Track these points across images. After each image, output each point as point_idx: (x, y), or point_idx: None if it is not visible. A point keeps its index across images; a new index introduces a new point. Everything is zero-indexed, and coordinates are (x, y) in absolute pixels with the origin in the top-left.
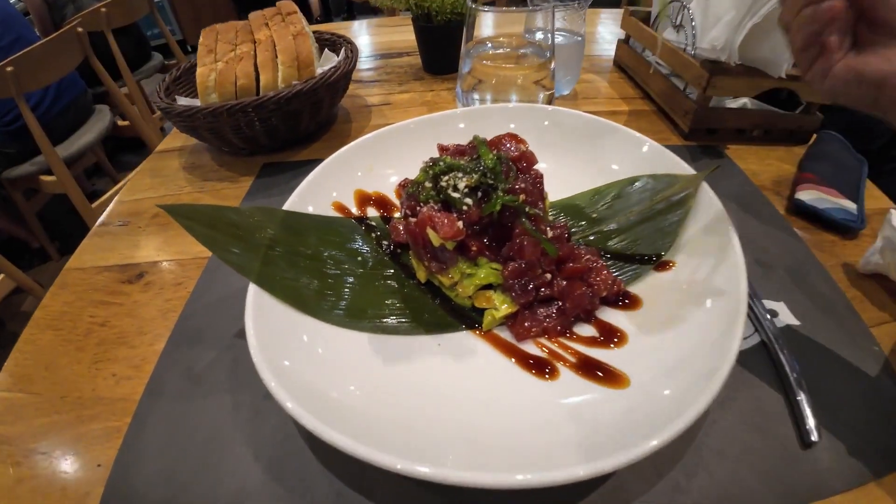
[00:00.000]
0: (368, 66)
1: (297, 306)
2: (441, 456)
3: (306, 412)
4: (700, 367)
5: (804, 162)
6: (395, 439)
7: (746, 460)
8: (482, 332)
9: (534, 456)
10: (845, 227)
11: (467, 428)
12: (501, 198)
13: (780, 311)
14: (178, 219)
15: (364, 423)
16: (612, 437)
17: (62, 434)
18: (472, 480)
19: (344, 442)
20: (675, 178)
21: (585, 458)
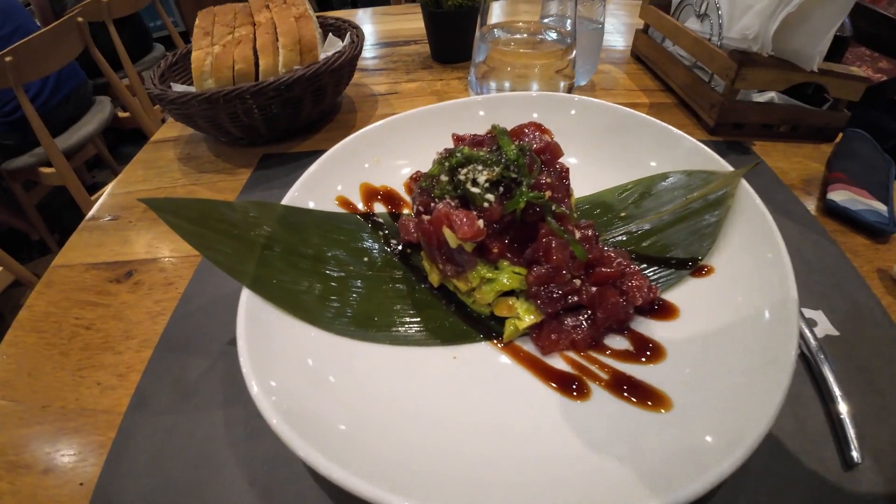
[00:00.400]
0: (374, 55)
1: (297, 314)
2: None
3: (306, 443)
4: (749, 393)
5: (833, 160)
6: (406, 476)
7: (788, 482)
8: (502, 343)
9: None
10: (878, 230)
11: (486, 461)
12: (525, 194)
13: (819, 320)
14: (164, 215)
15: (370, 456)
16: (658, 471)
17: (43, 447)
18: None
19: (349, 481)
20: (711, 176)
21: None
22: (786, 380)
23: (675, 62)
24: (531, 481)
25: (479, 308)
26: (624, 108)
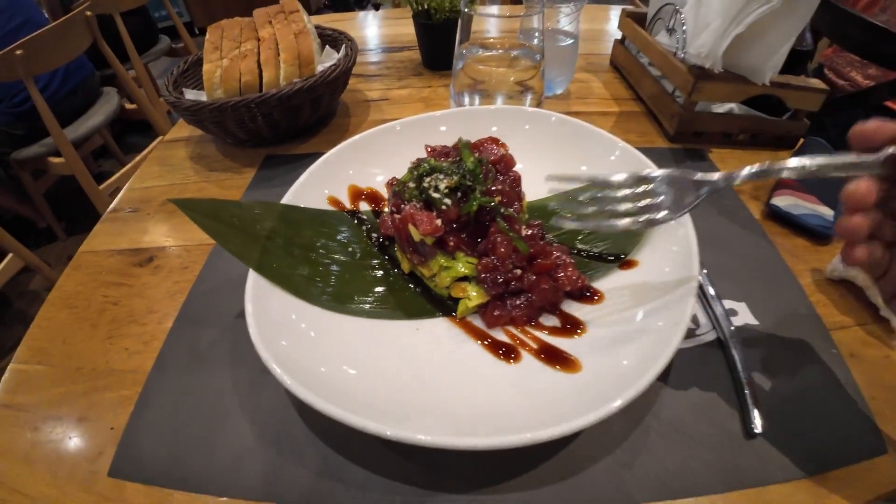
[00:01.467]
0: (370, 60)
1: (291, 291)
2: (415, 423)
3: (300, 385)
4: (642, 358)
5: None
6: (376, 408)
7: (690, 445)
8: (457, 319)
9: (494, 425)
10: (819, 234)
11: (439, 400)
12: (478, 199)
13: (741, 310)
14: (187, 212)
15: (348, 394)
16: (559, 412)
17: (77, 402)
18: (441, 443)
19: (330, 409)
20: None
21: (531, 428)
22: (676, 340)
23: (645, 73)
24: (474, 415)
25: (439, 290)
26: (567, 117)
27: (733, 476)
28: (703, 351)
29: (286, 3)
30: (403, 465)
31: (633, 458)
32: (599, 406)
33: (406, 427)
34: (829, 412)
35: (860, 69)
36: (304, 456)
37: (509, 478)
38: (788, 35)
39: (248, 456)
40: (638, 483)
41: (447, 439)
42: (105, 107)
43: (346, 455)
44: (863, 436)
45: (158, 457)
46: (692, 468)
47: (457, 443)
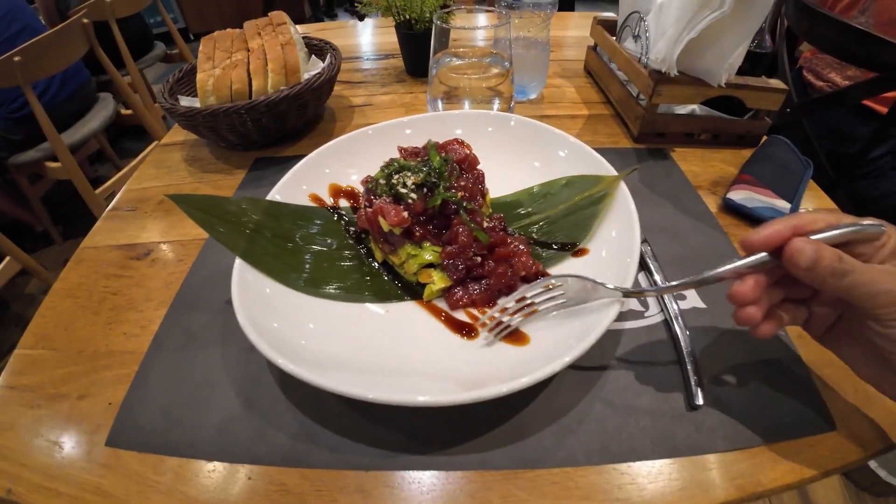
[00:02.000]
0: (356, 68)
1: (273, 276)
2: (381, 387)
3: (280, 356)
4: (584, 327)
5: (746, 164)
6: (350, 376)
7: (634, 414)
8: (424, 301)
9: (452, 387)
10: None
11: (405, 369)
12: (442, 193)
13: (689, 295)
14: (180, 205)
15: (324, 364)
16: (508, 375)
17: (79, 381)
18: (404, 401)
19: (307, 376)
20: (600, 179)
21: (476, 387)
22: (615, 310)
23: (613, 78)
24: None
25: (408, 277)
26: (531, 120)
27: (673, 444)
28: (651, 331)
29: (274, 16)
30: (372, 429)
31: (579, 424)
32: (539, 369)
33: (376, 390)
34: (775, 389)
35: (839, 70)
36: (284, 422)
37: (466, 440)
38: (741, 39)
39: (232, 423)
40: (581, 447)
41: (408, 397)
42: (101, 112)
43: (320, 422)
44: (809, 412)
45: (153, 427)
46: (633, 435)
47: (419, 401)
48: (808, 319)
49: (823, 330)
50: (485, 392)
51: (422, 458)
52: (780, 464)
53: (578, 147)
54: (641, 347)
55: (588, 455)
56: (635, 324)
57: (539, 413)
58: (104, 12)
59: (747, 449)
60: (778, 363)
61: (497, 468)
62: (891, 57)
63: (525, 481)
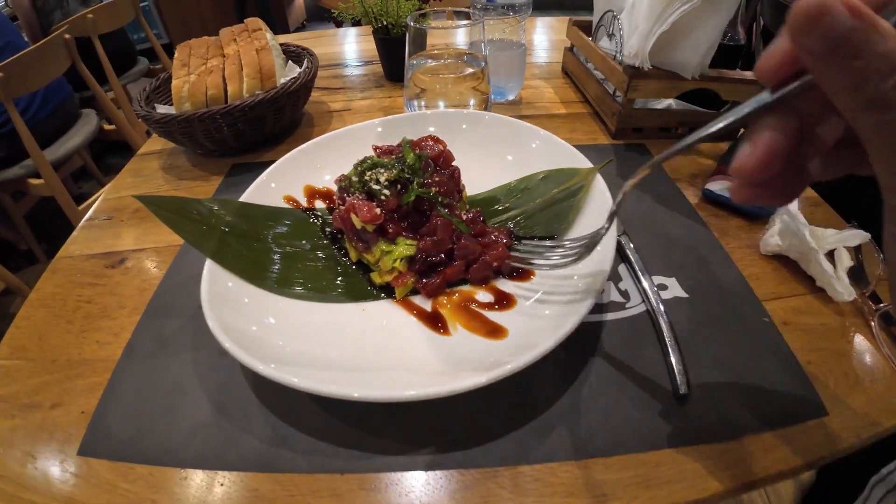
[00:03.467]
0: (336, 74)
1: (243, 276)
2: (357, 384)
3: (249, 356)
4: (561, 316)
5: (724, 156)
6: (326, 374)
7: (617, 405)
8: (397, 299)
9: (428, 381)
10: (753, 213)
11: (382, 365)
12: (416, 189)
13: (671, 285)
14: (151, 207)
15: (297, 364)
16: (481, 367)
17: (51, 390)
18: (379, 396)
19: (276, 374)
20: (576, 171)
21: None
22: (591, 301)
23: (590, 77)
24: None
25: (381, 281)
26: (505, 117)
27: (659, 436)
28: (633, 322)
29: (250, 22)
30: (346, 430)
31: (560, 420)
32: (518, 356)
33: (354, 387)
34: (763, 376)
35: None
36: (256, 427)
37: (444, 439)
38: (713, 31)
39: (203, 430)
40: (563, 442)
41: (384, 393)
42: (84, 128)
43: (293, 424)
44: (799, 399)
45: (124, 435)
46: (617, 428)
47: (395, 395)
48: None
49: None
50: (465, 383)
51: (399, 459)
52: (772, 452)
53: (551, 140)
54: (624, 339)
55: (573, 450)
56: (617, 315)
57: (519, 408)
58: (86, 28)
59: (737, 438)
60: (764, 350)
61: (477, 467)
62: None
63: (506, 479)
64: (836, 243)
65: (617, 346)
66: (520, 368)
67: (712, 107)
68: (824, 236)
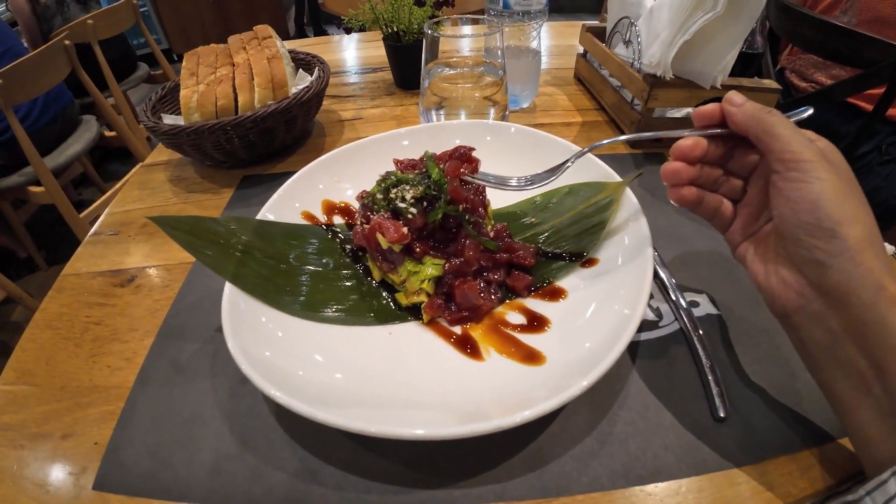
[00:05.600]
0: (344, 82)
1: (266, 301)
2: (391, 419)
3: (278, 390)
4: (603, 342)
5: None
6: (353, 408)
7: (656, 431)
8: (425, 322)
9: (465, 416)
10: None
11: (413, 397)
12: (443, 207)
13: (702, 302)
14: (165, 228)
15: (325, 396)
16: (525, 400)
17: (62, 419)
18: (413, 435)
19: (304, 409)
20: (605, 185)
21: (489, 416)
22: (635, 322)
23: (605, 84)
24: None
25: (404, 301)
26: (531, 129)
27: (700, 460)
28: (667, 342)
29: (259, 29)
30: (379, 463)
31: (601, 446)
32: (563, 391)
33: (384, 423)
34: (797, 395)
35: (824, 70)
36: (282, 459)
37: (482, 471)
38: (735, 40)
39: (227, 462)
40: (605, 470)
41: (418, 431)
42: (85, 135)
43: (323, 457)
44: (832, 416)
45: (141, 468)
46: (658, 454)
47: (430, 434)
48: (730, 228)
49: (741, 233)
50: (500, 422)
51: (436, 494)
52: (810, 471)
53: (571, 151)
54: (659, 359)
55: (613, 479)
56: (650, 335)
57: (558, 436)
58: (87, 34)
59: (775, 458)
60: (796, 367)
61: (518, 499)
62: (875, 53)
63: None
64: None
65: (652, 367)
66: (560, 406)
67: None
68: None
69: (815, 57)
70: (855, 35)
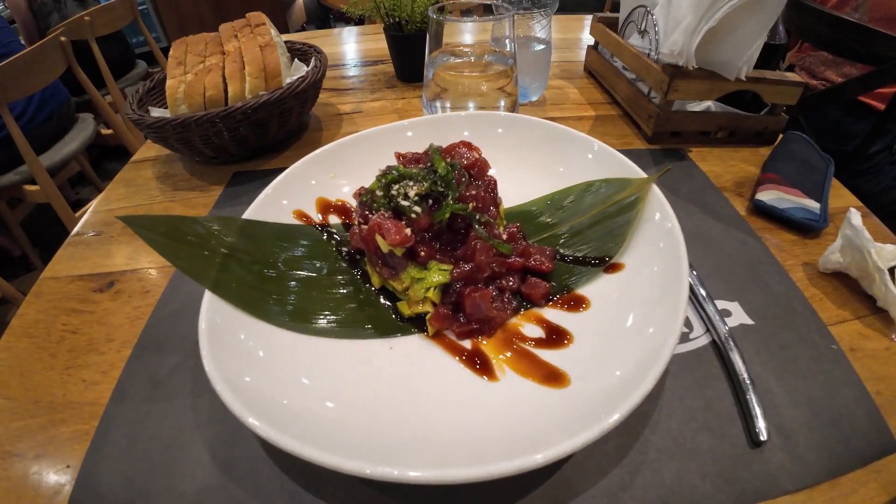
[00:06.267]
0: (344, 75)
1: (251, 311)
2: (393, 456)
3: (264, 424)
4: (635, 367)
5: (768, 163)
6: (350, 442)
7: (693, 458)
8: (430, 335)
9: (479, 453)
10: (807, 227)
11: (418, 429)
12: (451, 205)
13: (734, 310)
14: (137, 230)
15: (317, 427)
16: (548, 433)
17: (35, 437)
18: (421, 477)
19: (296, 447)
20: (628, 182)
21: (518, 454)
22: (671, 345)
23: (619, 76)
24: (453, 442)
25: (406, 311)
26: (544, 120)
27: (740, 489)
28: (699, 355)
29: (252, 16)
30: (380, 499)
31: (632, 477)
32: (591, 425)
33: (384, 462)
34: (836, 412)
35: (835, 68)
36: (269, 493)
37: None
38: (760, 28)
39: (209, 495)
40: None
41: (427, 473)
42: (81, 133)
43: (315, 491)
44: (872, 434)
45: (116, 498)
46: (695, 484)
47: (439, 476)
48: None
49: None
50: (521, 463)
51: None
52: (851, 497)
53: (598, 147)
54: (691, 375)
55: None
56: (681, 348)
57: (584, 466)
58: (84, 31)
59: (816, 486)
60: (835, 382)
61: None
62: (889, 49)
63: None
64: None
65: (684, 384)
66: (588, 444)
67: (751, 109)
68: (884, 253)
69: (825, 54)
70: (868, 31)
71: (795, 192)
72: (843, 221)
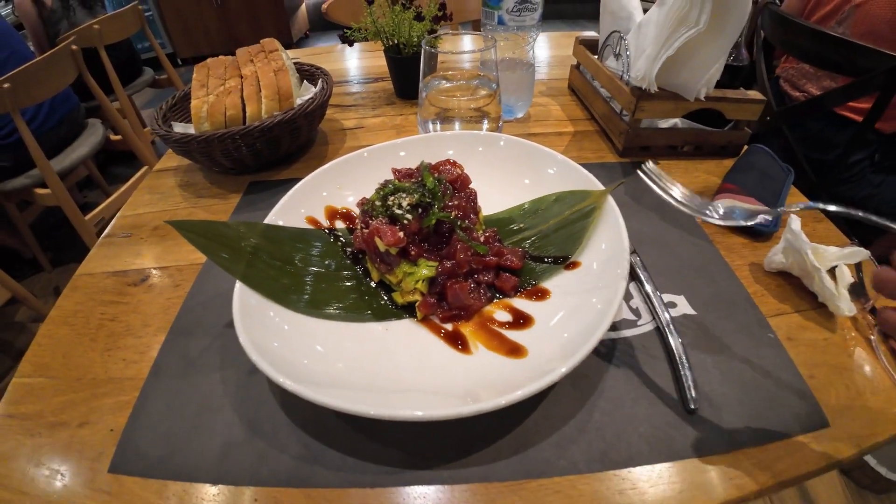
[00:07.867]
0: (346, 91)
1: (273, 298)
2: (388, 403)
3: (283, 376)
4: (581, 334)
5: (729, 174)
6: (355, 392)
7: (631, 422)
8: (419, 319)
9: (454, 400)
10: (757, 231)
11: (406, 384)
12: (437, 213)
13: (679, 302)
14: (180, 231)
15: (326, 383)
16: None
17: (78, 409)
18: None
19: (309, 394)
20: (588, 194)
21: (476, 400)
22: (611, 313)
23: (597, 95)
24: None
25: (400, 300)
26: (520, 139)
27: (671, 448)
28: (644, 339)
29: (266, 43)
30: (375, 447)
31: (579, 434)
32: (543, 377)
33: (383, 407)
34: (768, 390)
35: (815, 81)
36: (287, 445)
37: (469, 454)
38: (718, 54)
39: (235, 447)
40: (583, 455)
41: (416, 412)
42: (90, 138)
43: (324, 441)
44: (802, 411)
45: (155, 453)
46: (632, 442)
47: (426, 415)
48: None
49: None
50: (484, 405)
51: (426, 474)
52: (777, 462)
53: (566, 164)
54: (636, 355)
55: (589, 463)
56: (629, 332)
57: (540, 424)
58: (93, 39)
59: (744, 449)
60: (769, 365)
61: (501, 480)
62: (869, 62)
63: (529, 492)
64: (837, 260)
65: (630, 363)
66: (539, 390)
67: (716, 125)
68: (826, 254)
69: (806, 67)
70: (850, 45)
71: (750, 200)
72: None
